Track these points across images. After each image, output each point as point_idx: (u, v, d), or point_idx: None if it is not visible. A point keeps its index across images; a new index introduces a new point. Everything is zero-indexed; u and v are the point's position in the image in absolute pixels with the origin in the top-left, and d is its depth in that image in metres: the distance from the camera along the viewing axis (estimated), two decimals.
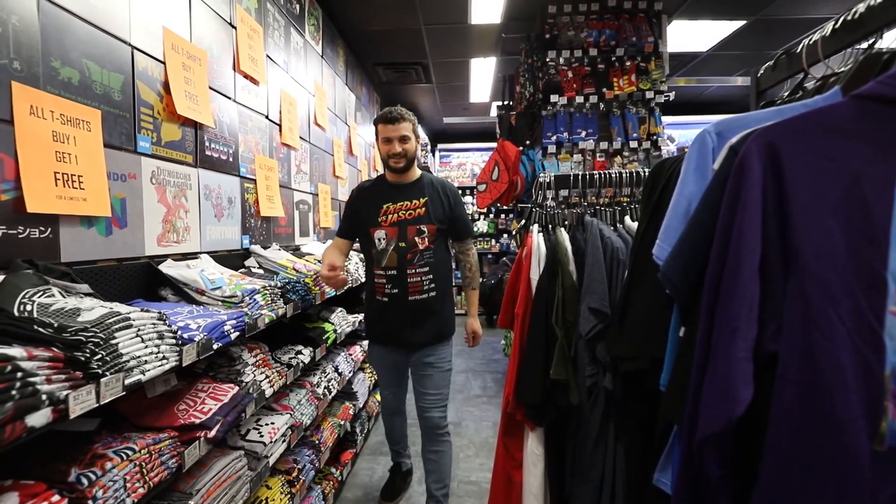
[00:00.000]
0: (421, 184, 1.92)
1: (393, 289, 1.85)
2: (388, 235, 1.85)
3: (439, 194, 1.91)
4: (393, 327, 1.91)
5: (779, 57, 1.06)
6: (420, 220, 1.85)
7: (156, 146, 1.55)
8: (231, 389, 1.47)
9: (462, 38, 4.16)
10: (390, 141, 1.82)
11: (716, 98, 6.19)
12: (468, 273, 2.05)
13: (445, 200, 1.91)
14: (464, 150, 7.68)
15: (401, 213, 1.85)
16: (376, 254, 1.87)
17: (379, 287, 1.89)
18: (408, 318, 1.89)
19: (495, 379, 4.05)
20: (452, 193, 1.96)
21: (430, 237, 1.85)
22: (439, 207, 1.89)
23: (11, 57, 1.07)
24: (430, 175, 2.00)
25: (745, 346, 0.63)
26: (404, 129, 1.82)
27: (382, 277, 1.87)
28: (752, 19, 3.93)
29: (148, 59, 1.52)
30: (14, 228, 1.08)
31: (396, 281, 1.85)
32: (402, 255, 1.84)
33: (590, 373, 1.32)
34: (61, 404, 0.82)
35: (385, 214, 1.86)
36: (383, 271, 1.86)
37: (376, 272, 1.89)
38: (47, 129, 1.15)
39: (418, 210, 1.86)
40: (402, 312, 1.88)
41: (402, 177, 1.91)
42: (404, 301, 1.86)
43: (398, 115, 1.81)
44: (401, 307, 1.87)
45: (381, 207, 1.86)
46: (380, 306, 1.91)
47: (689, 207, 0.82)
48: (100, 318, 0.97)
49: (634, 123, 3.53)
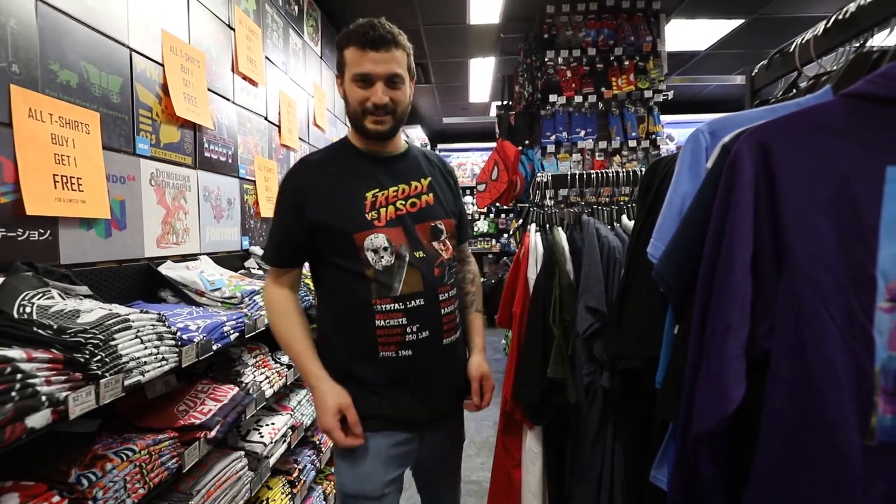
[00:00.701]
0: (414, 156, 1.19)
1: (422, 330, 1.08)
2: (393, 242, 1.07)
3: (441, 173, 1.23)
4: (417, 396, 1.11)
5: (773, 56, 1.06)
6: (432, 214, 1.14)
7: (155, 148, 1.56)
8: (231, 390, 1.48)
9: (461, 38, 4.17)
10: (370, 80, 1.03)
11: (714, 97, 6.20)
12: (471, 288, 1.33)
13: (450, 182, 1.25)
14: (463, 150, 7.70)
15: (399, 203, 1.10)
16: (377, 277, 1.07)
17: (391, 335, 1.07)
18: (442, 375, 1.16)
19: (496, 378, 4.04)
20: (452, 174, 1.28)
21: (450, 239, 1.17)
22: (448, 193, 1.21)
23: (10, 60, 1.07)
24: (415, 144, 1.28)
25: (737, 345, 0.63)
26: (396, 61, 1.04)
27: (399, 315, 1.06)
28: (751, 18, 3.93)
29: (146, 62, 1.53)
30: (13, 231, 1.08)
31: (426, 317, 1.09)
32: (428, 272, 1.09)
33: (587, 371, 1.32)
34: (61, 405, 0.83)
35: (376, 208, 1.08)
36: (400, 304, 1.06)
37: (381, 309, 1.06)
38: (46, 131, 1.16)
39: (425, 198, 1.13)
40: (436, 368, 1.14)
41: (385, 146, 1.15)
42: (438, 348, 1.12)
43: (387, 35, 1.02)
44: (436, 360, 1.13)
45: (365, 197, 1.08)
46: (395, 367, 1.09)
47: (682, 206, 0.83)
48: (99, 319, 0.98)
49: (633, 123, 3.53)
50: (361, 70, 1.03)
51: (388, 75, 1.04)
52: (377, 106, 1.04)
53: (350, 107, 1.09)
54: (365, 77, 1.03)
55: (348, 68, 1.06)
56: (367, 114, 1.06)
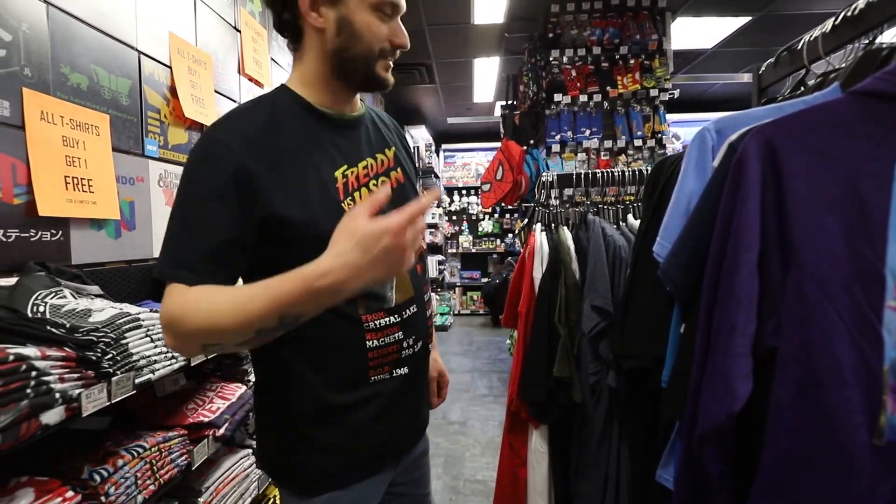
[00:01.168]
0: (371, 119, 0.89)
1: (416, 342, 0.86)
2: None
3: (399, 138, 0.96)
4: (406, 419, 0.89)
5: (780, 54, 1.06)
6: (405, 195, 0.88)
7: (163, 149, 1.58)
8: (238, 389, 1.50)
9: (465, 38, 4.17)
10: (396, 10, 0.78)
11: (721, 95, 6.15)
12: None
13: (408, 148, 0.98)
14: (468, 151, 7.69)
15: (371, 183, 0.82)
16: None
17: (386, 354, 0.81)
18: (426, 385, 0.98)
19: (501, 378, 4.05)
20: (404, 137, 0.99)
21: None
22: (409, 163, 0.96)
23: (22, 64, 1.09)
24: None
25: (743, 342, 0.63)
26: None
27: (395, 330, 0.82)
28: (758, 16, 3.90)
29: (154, 64, 1.54)
30: (26, 231, 1.10)
31: (419, 325, 0.87)
32: (413, 270, 0.85)
33: (593, 370, 1.32)
34: (74, 402, 0.85)
35: (350, 193, 0.78)
36: (395, 316, 0.82)
37: (373, 327, 0.79)
38: (57, 133, 1.17)
39: (394, 175, 0.88)
40: (424, 379, 0.95)
41: (349, 105, 0.84)
42: (424, 361, 0.92)
43: None
44: (424, 370, 0.95)
45: (335, 178, 0.77)
46: (390, 391, 0.83)
47: (689, 205, 0.82)
48: (110, 318, 0.99)
49: (639, 122, 3.52)
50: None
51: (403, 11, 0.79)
52: (401, 47, 0.78)
53: (360, 44, 0.75)
54: (394, 5, 0.76)
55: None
56: (385, 55, 0.78)
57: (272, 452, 0.83)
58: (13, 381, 0.74)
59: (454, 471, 2.57)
